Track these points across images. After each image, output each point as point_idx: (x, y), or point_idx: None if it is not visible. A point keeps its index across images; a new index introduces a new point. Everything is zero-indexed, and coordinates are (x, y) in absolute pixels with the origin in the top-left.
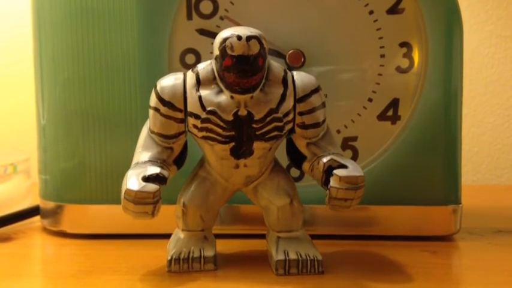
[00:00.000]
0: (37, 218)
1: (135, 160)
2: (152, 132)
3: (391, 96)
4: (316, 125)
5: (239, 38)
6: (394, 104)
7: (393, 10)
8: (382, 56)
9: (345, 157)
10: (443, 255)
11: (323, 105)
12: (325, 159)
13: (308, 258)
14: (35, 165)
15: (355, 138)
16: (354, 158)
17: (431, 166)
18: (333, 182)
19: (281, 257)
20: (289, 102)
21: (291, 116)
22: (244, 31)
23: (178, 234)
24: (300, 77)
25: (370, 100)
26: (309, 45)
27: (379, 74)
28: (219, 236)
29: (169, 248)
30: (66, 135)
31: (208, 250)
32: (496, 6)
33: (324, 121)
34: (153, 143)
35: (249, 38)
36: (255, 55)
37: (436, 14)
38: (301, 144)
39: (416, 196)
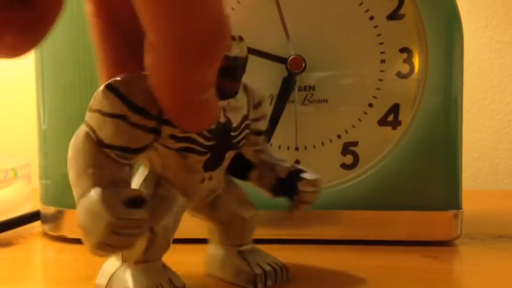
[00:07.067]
0: (38, 223)
1: (86, 184)
2: (108, 146)
3: (392, 101)
4: (265, 132)
5: (233, 38)
6: (395, 109)
7: (393, 16)
8: (383, 61)
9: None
10: (444, 260)
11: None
12: (286, 165)
13: (278, 267)
14: (36, 170)
15: (355, 143)
16: (355, 163)
17: (431, 171)
18: (302, 186)
19: (258, 270)
20: (249, 109)
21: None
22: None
23: (124, 273)
24: (249, 84)
25: (370, 105)
26: (309, 50)
27: (380, 80)
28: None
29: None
30: (67, 140)
31: (177, 280)
32: (495, 12)
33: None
34: (107, 160)
35: (241, 39)
36: (245, 57)
37: (436, 19)
38: (248, 152)
39: (416, 201)
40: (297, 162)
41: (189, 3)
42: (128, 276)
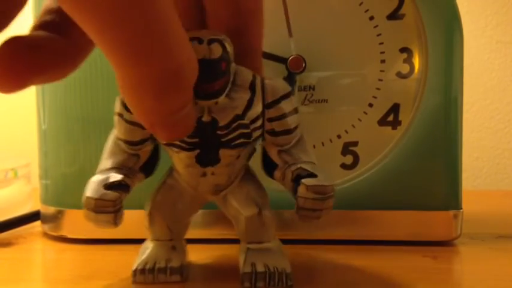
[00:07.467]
0: (38, 223)
1: (100, 167)
2: (118, 138)
3: (392, 101)
4: (287, 131)
5: (200, 41)
6: (395, 109)
7: (393, 16)
8: (383, 61)
9: (317, 166)
10: (444, 260)
11: (295, 111)
12: (293, 168)
13: (276, 271)
14: (36, 170)
15: (355, 143)
16: (355, 163)
17: (431, 171)
18: (300, 192)
19: (248, 269)
20: (257, 108)
21: (259, 123)
22: (206, 34)
23: (147, 244)
24: (270, 82)
25: (370, 105)
26: (309, 50)
27: (380, 80)
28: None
29: (137, 258)
30: (67, 140)
31: (175, 261)
32: (495, 12)
33: (296, 128)
34: (119, 149)
35: (210, 42)
36: (217, 59)
37: (436, 19)
38: (272, 152)
39: (416, 201)
40: None
41: (151, 47)
42: (143, 248)
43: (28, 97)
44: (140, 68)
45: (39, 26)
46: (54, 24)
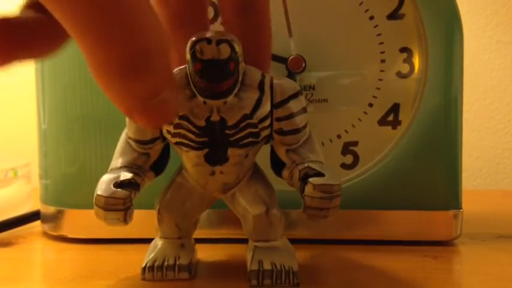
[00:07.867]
0: (37, 222)
1: (111, 166)
2: (129, 137)
3: (392, 101)
4: (296, 131)
5: (209, 41)
6: (395, 109)
7: (393, 15)
8: (383, 61)
9: (325, 165)
10: (444, 260)
11: (303, 110)
12: (301, 167)
13: (283, 269)
14: (36, 170)
15: (355, 143)
16: (355, 163)
17: (431, 171)
18: (307, 191)
19: (255, 267)
20: (265, 108)
21: (267, 122)
22: (215, 35)
23: (157, 242)
24: (279, 82)
25: (370, 105)
26: (309, 50)
27: (380, 79)
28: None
29: (146, 255)
30: (67, 140)
31: (184, 258)
32: (495, 12)
33: (304, 127)
34: (129, 148)
35: (219, 42)
36: (225, 59)
37: (436, 19)
38: (280, 151)
39: (416, 201)
40: None
41: (116, 26)
42: (152, 246)
43: (28, 97)
44: (105, 48)
45: (27, 5)
46: (40, 4)
